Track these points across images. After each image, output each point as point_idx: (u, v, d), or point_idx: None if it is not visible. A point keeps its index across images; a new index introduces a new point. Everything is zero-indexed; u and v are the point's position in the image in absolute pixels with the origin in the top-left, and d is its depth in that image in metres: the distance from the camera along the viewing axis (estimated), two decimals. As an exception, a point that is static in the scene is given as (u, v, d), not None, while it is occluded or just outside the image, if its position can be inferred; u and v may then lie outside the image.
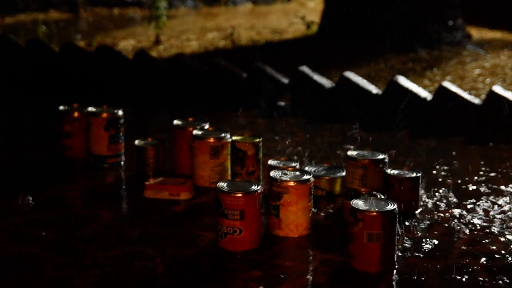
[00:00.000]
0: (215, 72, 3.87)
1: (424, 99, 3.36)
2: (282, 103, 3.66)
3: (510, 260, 1.93)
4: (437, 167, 2.72)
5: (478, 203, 2.34)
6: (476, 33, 5.95)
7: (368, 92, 3.50)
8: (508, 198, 2.40)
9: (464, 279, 1.82)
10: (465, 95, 3.31)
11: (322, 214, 2.25)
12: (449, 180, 2.56)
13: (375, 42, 5.14)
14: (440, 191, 2.45)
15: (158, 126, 3.28)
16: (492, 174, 2.64)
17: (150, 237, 2.06)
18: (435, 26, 5.33)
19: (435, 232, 2.10)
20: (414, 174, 2.28)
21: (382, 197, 2.10)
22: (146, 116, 3.49)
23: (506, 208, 2.30)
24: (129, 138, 2.68)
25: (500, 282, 1.81)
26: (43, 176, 2.60)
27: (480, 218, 2.21)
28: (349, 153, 2.36)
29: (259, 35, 6.07)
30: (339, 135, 3.18)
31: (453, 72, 4.52)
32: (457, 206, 2.31)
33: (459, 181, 2.55)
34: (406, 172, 2.29)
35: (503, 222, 2.19)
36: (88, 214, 2.23)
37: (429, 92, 3.51)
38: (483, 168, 2.71)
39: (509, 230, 2.13)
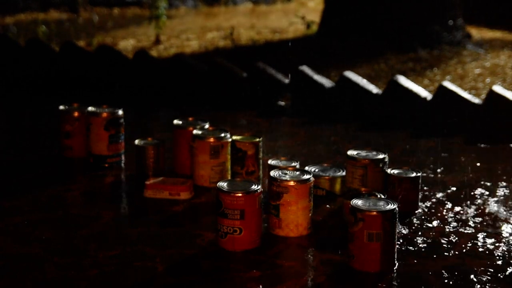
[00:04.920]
0: (215, 72, 3.87)
1: (424, 99, 3.36)
2: (282, 103, 3.66)
3: (510, 260, 1.92)
4: (437, 166, 2.72)
5: (478, 202, 2.34)
6: (476, 33, 5.95)
7: (368, 92, 3.50)
8: (508, 197, 2.40)
9: (464, 279, 1.82)
10: (465, 94, 3.31)
11: (325, 211, 2.25)
12: (449, 180, 2.56)
13: (375, 42, 5.14)
14: (440, 190, 2.45)
15: (158, 126, 3.28)
16: (492, 174, 2.64)
17: (150, 237, 2.06)
18: (435, 26, 5.32)
19: (434, 232, 2.10)
20: (414, 174, 2.28)
21: (382, 197, 2.09)
22: (146, 116, 3.49)
23: (506, 207, 2.30)
24: (129, 138, 2.68)
25: (501, 282, 1.81)
26: (43, 176, 2.60)
27: (480, 218, 2.21)
28: (349, 153, 2.36)
29: (259, 35, 6.07)
30: (339, 135, 3.18)
31: (453, 72, 4.52)
32: (457, 205, 2.31)
33: (459, 181, 2.55)
34: (406, 171, 2.29)
35: (503, 221, 2.19)
36: (88, 214, 2.23)
37: (429, 92, 3.51)
38: (483, 168, 2.71)
39: (509, 229, 2.13)
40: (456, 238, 2.06)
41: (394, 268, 1.87)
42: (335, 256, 1.94)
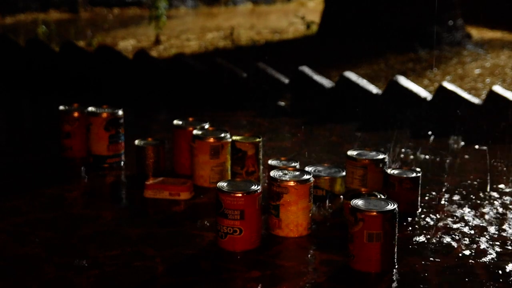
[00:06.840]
0: (215, 72, 3.87)
1: (424, 99, 3.36)
2: (282, 103, 3.66)
3: (510, 260, 1.92)
4: (437, 167, 2.72)
5: (478, 203, 2.34)
6: (476, 33, 5.95)
7: (368, 92, 3.50)
8: (507, 198, 2.40)
9: (464, 279, 1.82)
10: (465, 95, 3.31)
11: (325, 212, 2.25)
12: (448, 180, 2.56)
13: (375, 42, 5.15)
14: (440, 191, 2.45)
15: (158, 126, 3.28)
16: (492, 174, 2.64)
17: (150, 237, 2.06)
18: (435, 26, 5.33)
19: (435, 232, 2.10)
20: (414, 174, 2.28)
21: (382, 197, 2.10)
22: (146, 116, 3.49)
23: (505, 208, 2.30)
24: (129, 138, 2.68)
25: (500, 282, 1.81)
26: (43, 176, 2.60)
27: (480, 218, 2.21)
28: (349, 153, 2.36)
29: (259, 35, 6.07)
30: (339, 135, 3.17)
31: (453, 72, 4.52)
32: (457, 206, 2.31)
33: (459, 181, 2.55)
34: (406, 172, 2.29)
35: (502, 222, 2.19)
36: (88, 214, 2.23)
37: (429, 92, 3.51)
38: (483, 168, 2.71)
39: (509, 229, 2.13)
40: (456, 238, 2.06)
41: (394, 268, 1.87)
42: (335, 256, 1.94)
